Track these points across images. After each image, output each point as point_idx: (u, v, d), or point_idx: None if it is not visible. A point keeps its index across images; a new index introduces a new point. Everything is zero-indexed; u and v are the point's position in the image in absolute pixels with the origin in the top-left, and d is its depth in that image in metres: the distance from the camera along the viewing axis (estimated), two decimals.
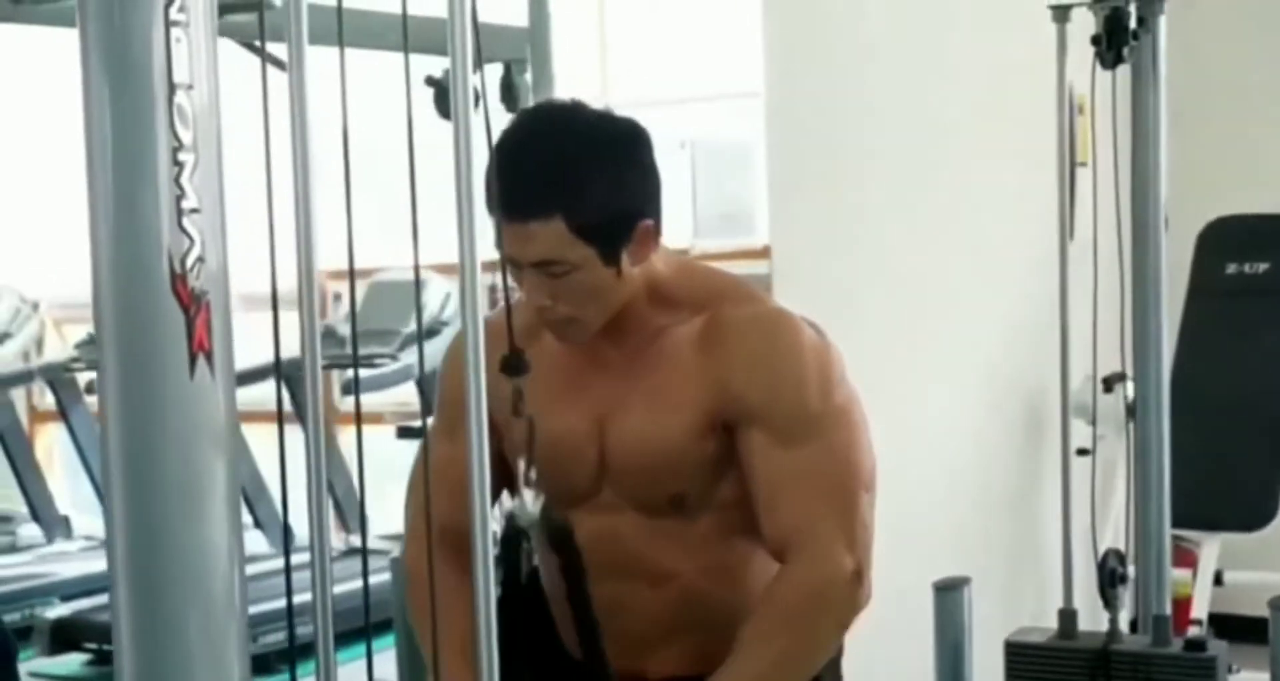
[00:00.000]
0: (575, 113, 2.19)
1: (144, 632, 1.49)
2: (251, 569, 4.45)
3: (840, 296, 4.15)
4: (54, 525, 7.88)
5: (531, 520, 2.05)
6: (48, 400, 8.15)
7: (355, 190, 2.08)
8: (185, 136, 1.46)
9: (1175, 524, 5.04)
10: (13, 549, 7.59)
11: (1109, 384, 4.28)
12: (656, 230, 2.21)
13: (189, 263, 1.47)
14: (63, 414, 8.10)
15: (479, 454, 1.62)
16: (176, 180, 1.46)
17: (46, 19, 3.08)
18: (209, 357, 1.49)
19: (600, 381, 2.26)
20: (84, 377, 7.66)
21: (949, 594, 3.64)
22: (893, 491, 4.36)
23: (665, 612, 2.28)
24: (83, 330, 7.50)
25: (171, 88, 1.45)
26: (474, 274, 1.66)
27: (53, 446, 8.68)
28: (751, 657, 2.12)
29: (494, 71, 4.20)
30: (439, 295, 6.18)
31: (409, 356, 6.84)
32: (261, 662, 4.92)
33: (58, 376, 7.91)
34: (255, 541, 7.12)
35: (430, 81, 4.18)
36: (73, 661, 5.82)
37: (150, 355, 1.47)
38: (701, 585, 2.24)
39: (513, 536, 2.08)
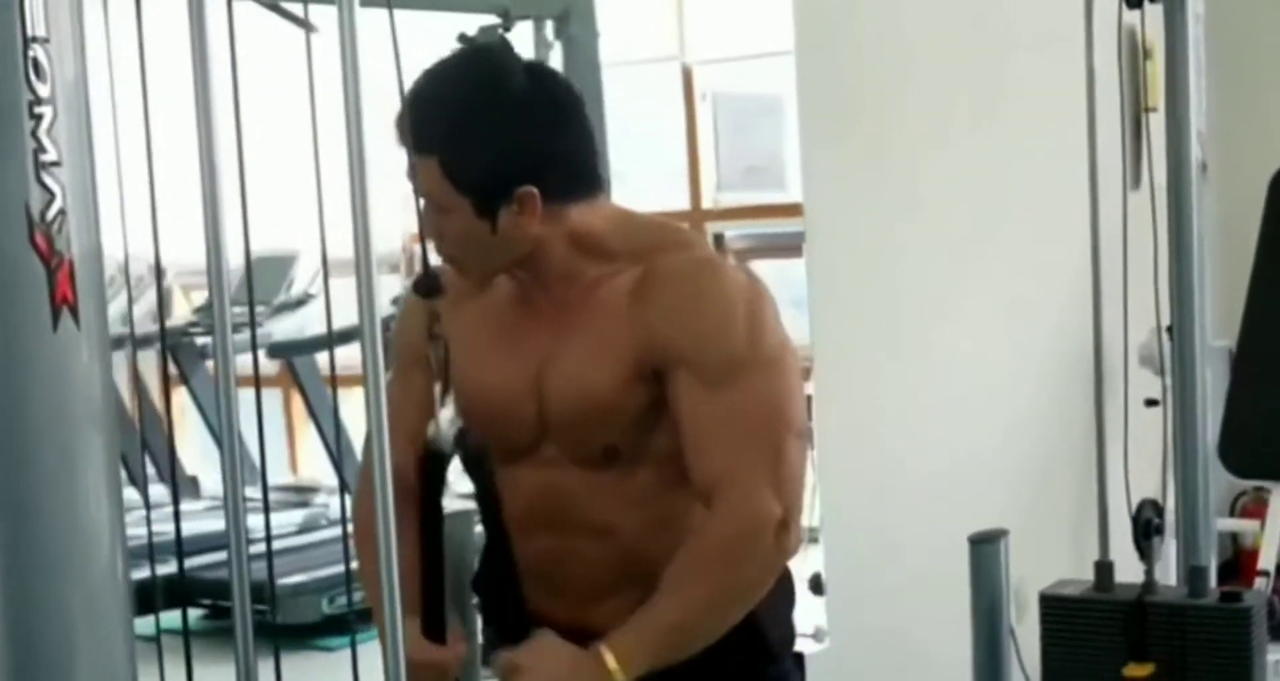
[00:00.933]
0: (496, 62, 2.15)
1: (16, 611, 1.50)
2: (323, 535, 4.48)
3: (880, 253, 4.10)
4: (183, 484, 8.01)
5: (448, 442, 2.07)
6: None
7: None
8: (42, 90, 1.47)
9: (1246, 474, 4.95)
10: (140, 507, 7.70)
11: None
12: (553, 193, 2.15)
13: (49, 215, 1.47)
14: (184, 377, 8.23)
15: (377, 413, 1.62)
16: (34, 133, 1.47)
17: None
18: (74, 311, 1.49)
19: (538, 335, 2.24)
20: (203, 341, 7.75)
21: (985, 547, 3.58)
22: (946, 445, 4.35)
23: (607, 565, 2.26)
24: (204, 296, 7.63)
25: (26, 41, 1.45)
26: (366, 222, 1.67)
27: (185, 408, 8.84)
28: (668, 603, 2.10)
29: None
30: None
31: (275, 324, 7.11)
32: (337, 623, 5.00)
33: (178, 341, 8.01)
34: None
35: (463, 39, 4.19)
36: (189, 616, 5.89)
37: (9, 308, 1.47)
38: (642, 538, 2.22)
39: (432, 459, 2.10)
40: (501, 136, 2.13)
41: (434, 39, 4.72)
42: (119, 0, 2.56)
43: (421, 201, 2.14)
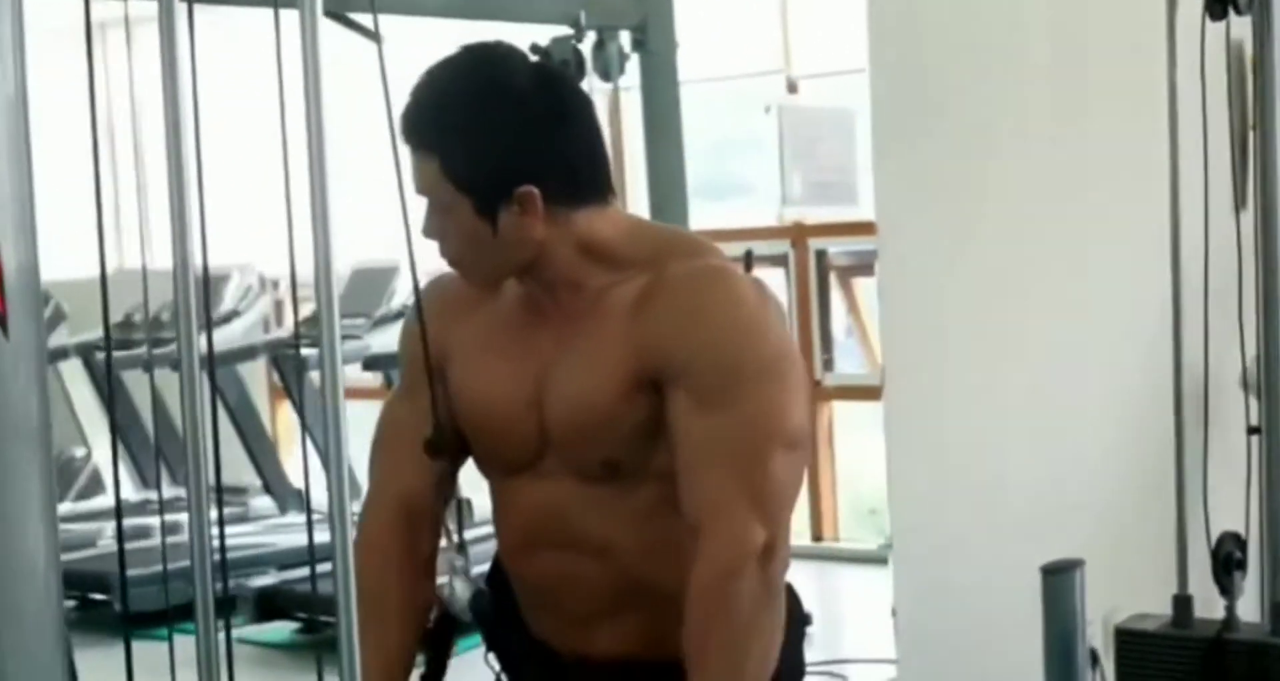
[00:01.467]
0: (498, 61, 2.10)
1: None
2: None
3: (956, 271, 3.97)
4: (287, 497, 8.07)
5: (464, 607, 2.05)
6: None
7: None
8: None
9: None
10: (243, 519, 7.76)
11: None
12: (554, 197, 2.09)
13: None
14: (287, 390, 8.30)
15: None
16: None
17: None
18: (3, 323, 1.44)
19: (542, 345, 2.18)
20: (306, 353, 7.79)
21: (1059, 577, 3.45)
22: (1025, 471, 4.21)
23: (606, 587, 2.17)
24: (312, 308, 7.67)
25: None
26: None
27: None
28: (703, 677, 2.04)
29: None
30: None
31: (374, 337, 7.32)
32: None
33: (282, 353, 8.06)
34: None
35: (535, 50, 4.15)
36: (281, 629, 5.94)
37: None
38: (641, 559, 2.14)
39: (443, 623, 2.07)
40: (500, 134, 2.08)
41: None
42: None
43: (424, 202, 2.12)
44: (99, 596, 6.15)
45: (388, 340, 7.57)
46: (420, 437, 2.14)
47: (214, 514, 2.94)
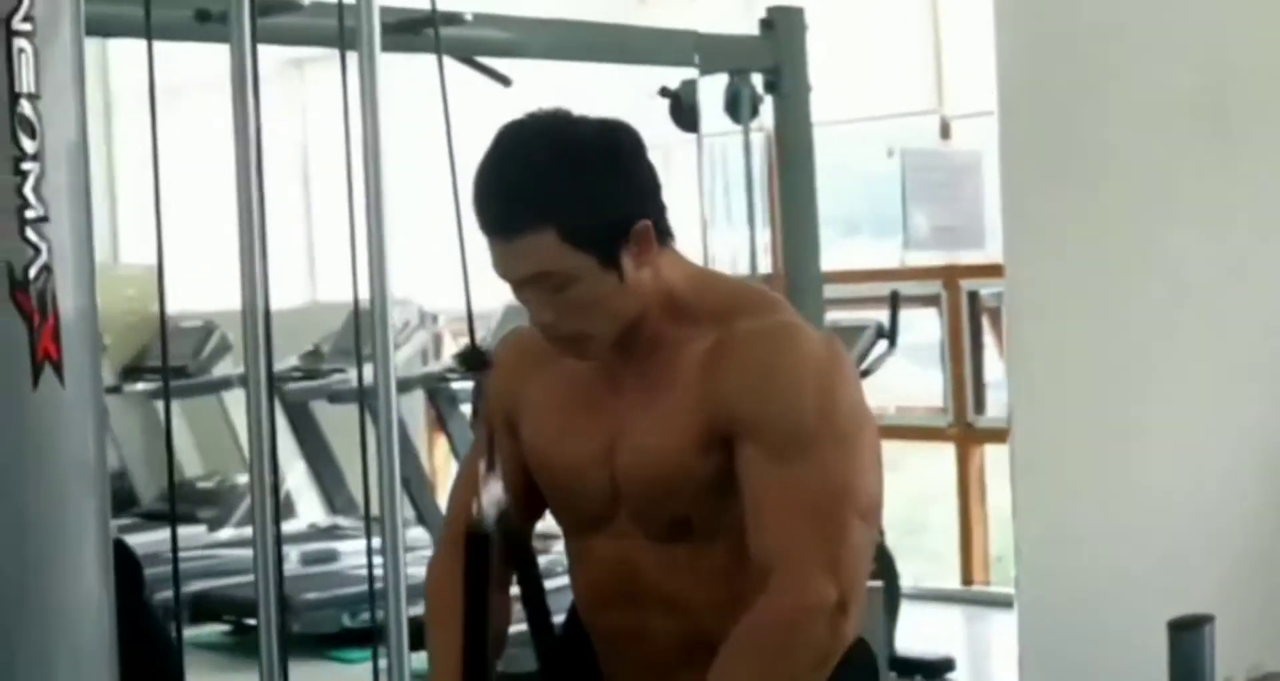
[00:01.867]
0: (552, 122, 2.07)
1: None
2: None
3: (1088, 317, 3.89)
4: (440, 529, 8.15)
5: (490, 524, 2.03)
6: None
7: None
8: (29, 146, 1.46)
9: None
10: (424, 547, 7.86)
11: None
12: (658, 231, 2.10)
13: (33, 272, 1.47)
14: (440, 422, 8.42)
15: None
16: (19, 190, 1.46)
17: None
18: (57, 368, 1.48)
19: (615, 402, 2.16)
20: (458, 387, 7.88)
21: (1187, 633, 3.37)
22: (1154, 525, 4.11)
23: (678, 641, 2.15)
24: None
25: (13, 97, 1.45)
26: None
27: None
28: None
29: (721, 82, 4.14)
30: None
31: None
32: None
33: (435, 387, 8.17)
34: None
35: (665, 93, 4.17)
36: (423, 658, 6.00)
37: None
38: (714, 615, 2.11)
39: (475, 541, 2.05)
40: (598, 179, 2.07)
41: (626, 90, 4.71)
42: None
43: (522, 291, 2.08)
44: (253, 621, 6.27)
45: None
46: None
47: (372, 543, 3.03)
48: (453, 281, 2.71)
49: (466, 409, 8.11)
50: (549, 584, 2.26)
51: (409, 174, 4.92)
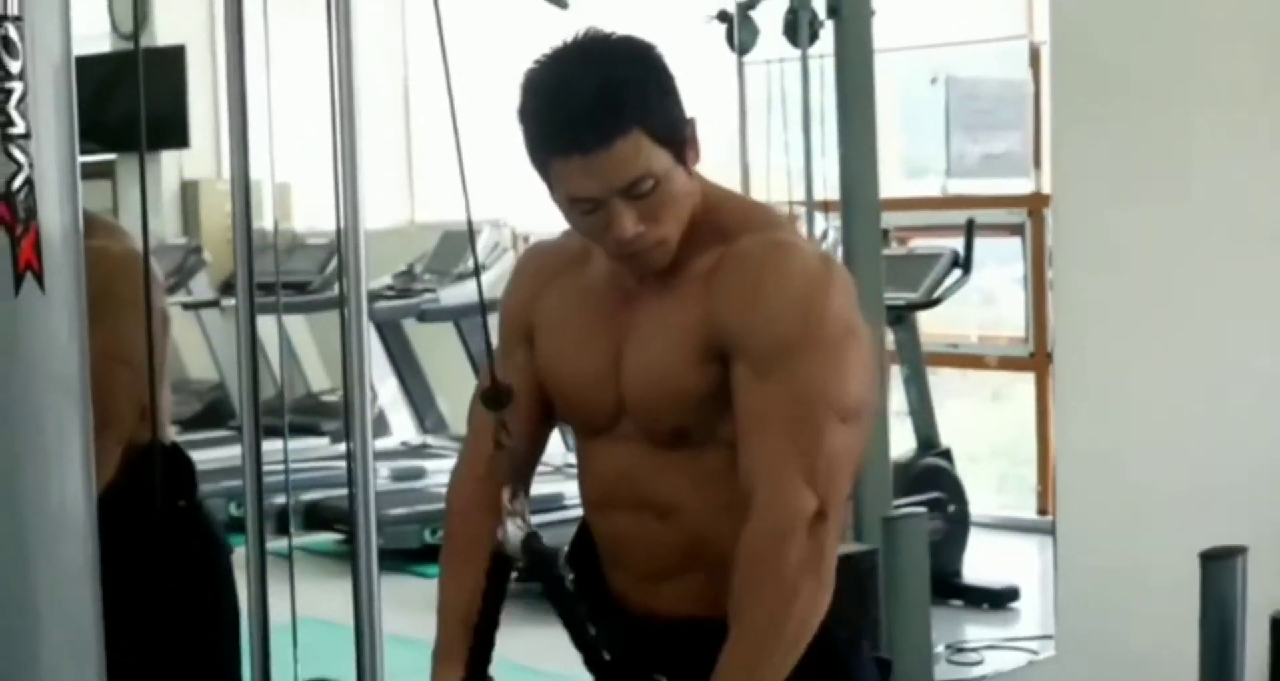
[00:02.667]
0: (591, 41, 2.14)
1: None
2: None
3: (1138, 248, 3.87)
4: None
5: (515, 549, 2.12)
6: None
7: None
8: (13, 66, 1.54)
9: None
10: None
11: None
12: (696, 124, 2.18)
13: (15, 185, 1.55)
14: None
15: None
16: (1, 107, 1.54)
17: None
18: (38, 276, 1.56)
19: (624, 316, 2.23)
20: None
21: (1218, 563, 3.39)
22: (1198, 457, 4.10)
23: (673, 546, 2.21)
24: None
25: None
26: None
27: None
28: (730, 659, 2.07)
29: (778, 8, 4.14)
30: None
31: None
32: None
33: None
34: None
35: (723, 17, 4.20)
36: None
37: None
38: (708, 521, 2.18)
39: (498, 563, 2.15)
40: (658, 80, 2.13)
41: (674, 16, 4.71)
42: None
43: (601, 207, 2.12)
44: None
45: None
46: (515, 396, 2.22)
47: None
48: (544, 203, 2.75)
49: None
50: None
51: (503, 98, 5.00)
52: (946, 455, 6.12)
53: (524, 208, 7.91)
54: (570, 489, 7.49)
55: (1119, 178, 3.89)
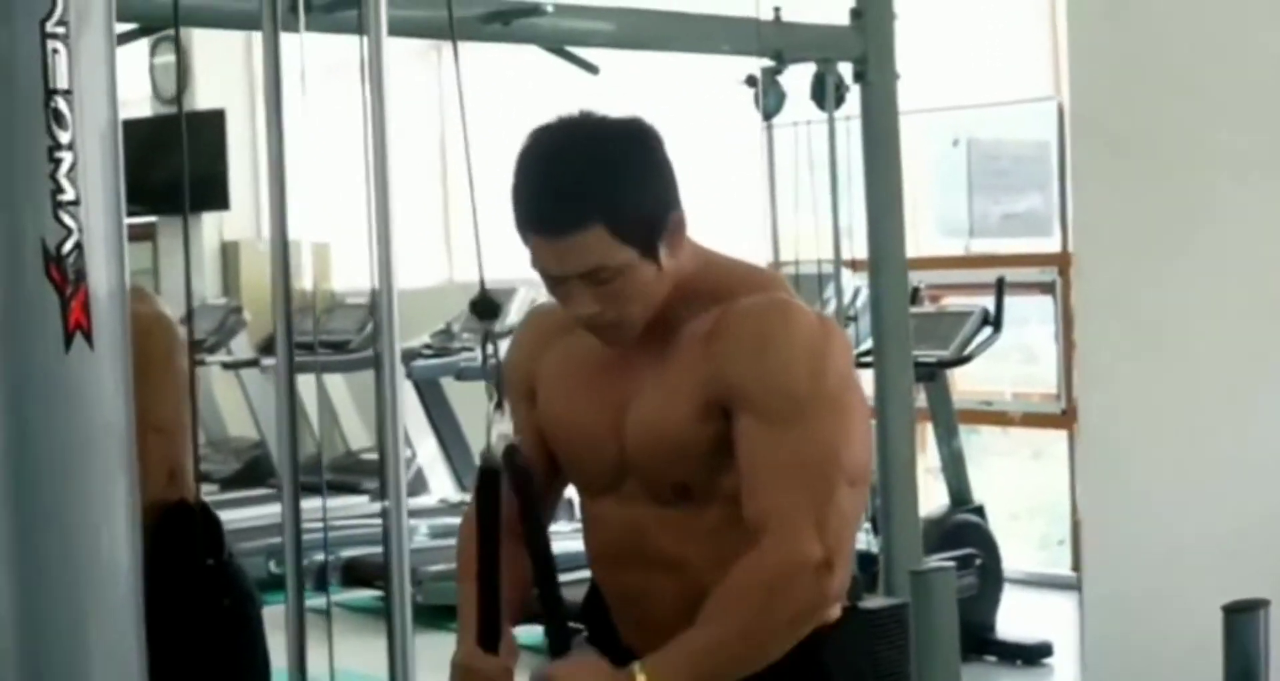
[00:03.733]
0: (584, 122, 2.22)
1: (29, 641, 1.63)
2: None
3: (1157, 305, 3.93)
4: (562, 508, 8.32)
5: (498, 462, 2.19)
6: None
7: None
8: (63, 137, 1.63)
9: None
10: None
11: None
12: (683, 220, 2.24)
13: (65, 249, 1.63)
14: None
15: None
16: (52, 176, 1.63)
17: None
18: (88, 335, 1.64)
19: (625, 375, 2.30)
20: None
21: (1240, 616, 3.42)
22: (1220, 511, 4.12)
23: (679, 601, 2.26)
24: None
25: (48, 94, 1.62)
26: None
27: None
28: (703, 632, 2.12)
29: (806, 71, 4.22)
30: None
31: None
32: None
33: None
34: None
35: (751, 82, 4.27)
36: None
37: (26, 332, 1.64)
38: (713, 575, 2.23)
39: (485, 476, 2.22)
40: (639, 174, 2.22)
41: (703, 80, 4.79)
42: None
43: (563, 285, 2.21)
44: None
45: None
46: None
47: None
48: None
49: None
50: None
51: None
52: (979, 511, 6.16)
53: None
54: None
55: (1142, 236, 3.95)
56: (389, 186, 2.87)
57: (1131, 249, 3.94)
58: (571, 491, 2.48)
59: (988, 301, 5.75)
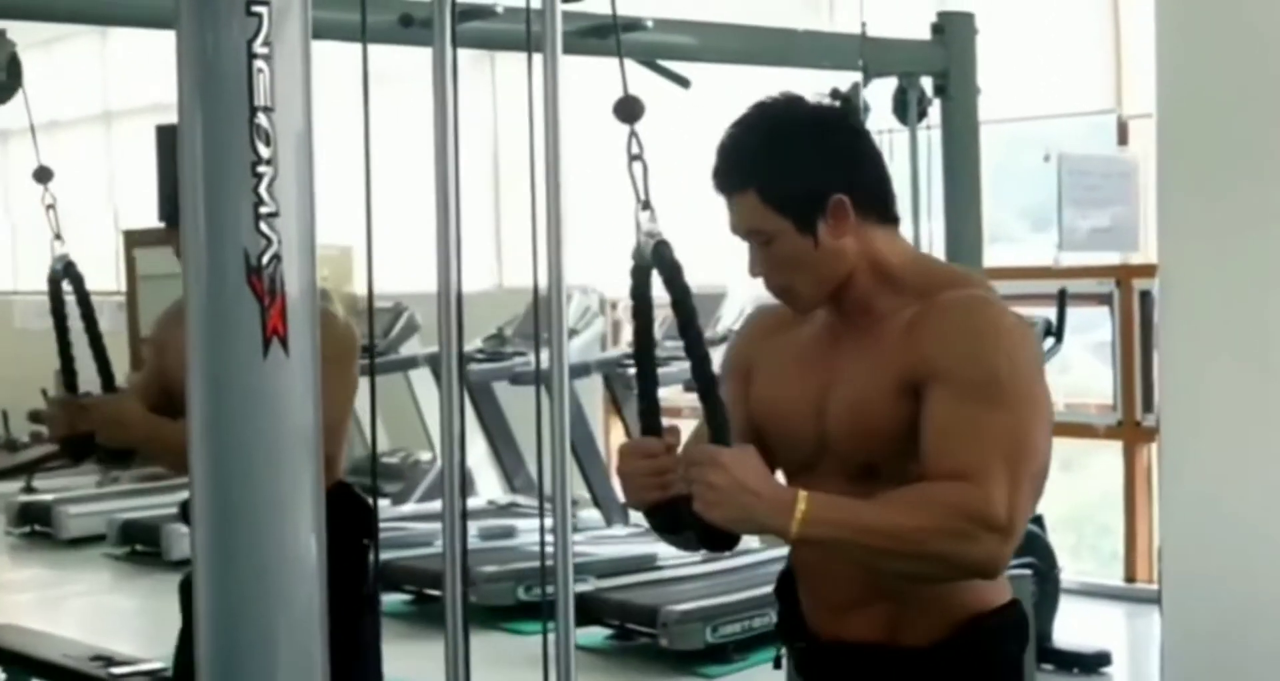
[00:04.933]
0: (783, 103, 2.40)
1: (221, 631, 1.73)
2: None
3: (1242, 319, 3.97)
4: (613, 511, 8.42)
5: (647, 256, 2.27)
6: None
7: None
8: (265, 151, 1.71)
9: None
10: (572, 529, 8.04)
11: None
12: (859, 207, 2.33)
13: (265, 259, 1.71)
14: (616, 406, 8.66)
15: None
16: (255, 189, 1.71)
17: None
18: (284, 342, 1.72)
19: (832, 361, 2.39)
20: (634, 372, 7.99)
21: None
22: None
23: (859, 578, 2.33)
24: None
25: (252, 110, 1.70)
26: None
27: None
28: (875, 511, 2.17)
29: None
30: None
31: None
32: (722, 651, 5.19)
33: (612, 372, 8.40)
34: None
35: (835, 95, 4.35)
36: (595, 634, 6.27)
37: (227, 338, 1.72)
38: None
39: (636, 273, 2.30)
40: (810, 150, 2.35)
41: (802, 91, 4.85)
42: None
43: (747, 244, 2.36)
44: (433, 592, 6.60)
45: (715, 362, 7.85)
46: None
47: (545, 522, 3.24)
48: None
49: None
50: None
51: (594, 169, 5.18)
52: (1039, 521, 6.20)
53: (611, 274, 8.05)
54: (662, 549, 7.59)
55: (1228, 248, 4.00)
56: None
57: (1218, 261, 3.99)
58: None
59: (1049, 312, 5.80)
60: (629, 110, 2.36)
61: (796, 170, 2.33)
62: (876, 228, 2.39)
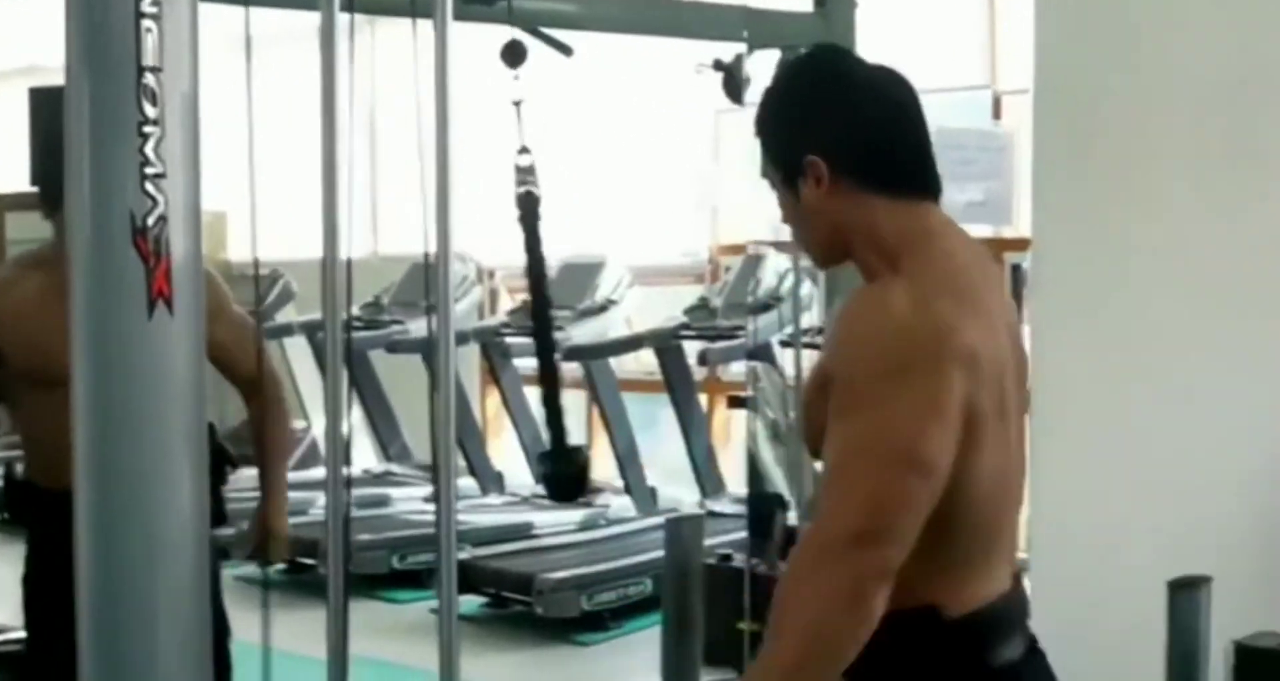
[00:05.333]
0: (807, 57, 2.40)
1: (104, 581, 1.74)
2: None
3: (1112, 290, 4.05)
4: (488, 479, 8.40)
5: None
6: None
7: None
8: (151, 112, 1.70)
9: None
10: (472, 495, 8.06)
11: None
12: (842, 171, 2.21)
13: (151, 220, 1.70)
14: (493, 375, 8.62)
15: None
16: (141, 150, 1.70)
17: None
18: (169, 303, 1.72)
19: None
20: (513, 342, 7.99)
21: (1184, 593, 3.55)
22: (1171, 492, 4.26)
23: None
24: (523, 298, 7.89)
25: (140, 70, 1.69)
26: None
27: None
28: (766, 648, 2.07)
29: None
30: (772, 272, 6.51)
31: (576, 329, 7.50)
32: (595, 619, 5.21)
33: (489, 340, 8.33)
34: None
35: (719, 66, 4.37)
36: (471, 602, 6.27)
37: (112, 298, 1.71)
38: None
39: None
40: (788, 109, 2.30)
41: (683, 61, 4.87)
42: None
43: None
44: (307, 561, 6.54)
45: (588, 331, 7.87)
46: None
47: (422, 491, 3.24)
48: (511, 239, 2.82)
49: (519, 363, 8.27)
50: None
51: (471, 135, 5.16)
52: None
53: (489, 243, 8.01)
54: (538, 518, 7.57)
55: (1097, 227, 4.08)
56: (449, 168, 2.92)
57: (1089, 236, 4.06)
58: None
59: None
60: (515, 53, 2.36)
61: (779, 125, 2.32)
62: (876, 197, 2.23)
